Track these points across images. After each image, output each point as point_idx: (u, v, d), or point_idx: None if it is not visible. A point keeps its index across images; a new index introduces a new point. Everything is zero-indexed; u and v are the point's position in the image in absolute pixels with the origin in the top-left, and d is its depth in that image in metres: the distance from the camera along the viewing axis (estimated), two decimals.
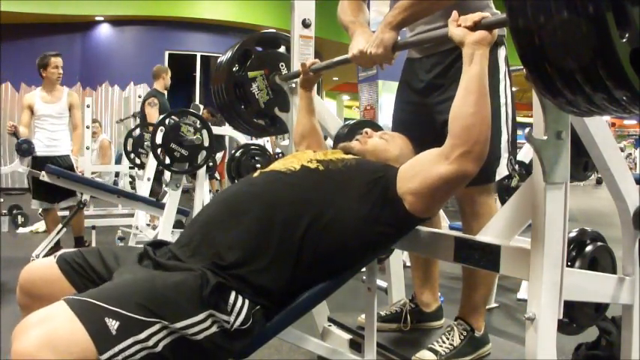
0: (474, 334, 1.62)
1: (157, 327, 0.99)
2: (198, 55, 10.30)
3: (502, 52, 1.56)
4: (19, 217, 5.40)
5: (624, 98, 0.73)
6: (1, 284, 2.85)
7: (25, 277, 1.20)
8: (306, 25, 1.86)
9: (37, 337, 0.89)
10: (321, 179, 1.28)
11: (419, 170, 1.23)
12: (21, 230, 5.29)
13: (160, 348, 0.99)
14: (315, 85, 1.81)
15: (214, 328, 1.07)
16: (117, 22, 9.97)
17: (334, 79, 15.38)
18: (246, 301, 1.13)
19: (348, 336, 1.85)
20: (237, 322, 1.11)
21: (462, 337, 1.60)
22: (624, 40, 0.69)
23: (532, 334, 1.07)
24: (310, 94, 1.73)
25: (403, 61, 1.83)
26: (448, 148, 1.19)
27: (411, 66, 1.75)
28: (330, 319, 1.97)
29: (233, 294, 1.12)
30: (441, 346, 1.58)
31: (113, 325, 0.95)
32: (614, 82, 0.71)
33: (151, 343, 0.98)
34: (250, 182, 1.34)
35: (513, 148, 1.59)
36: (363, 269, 1.52)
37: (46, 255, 3.38)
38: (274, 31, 2.19)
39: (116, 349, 0.94)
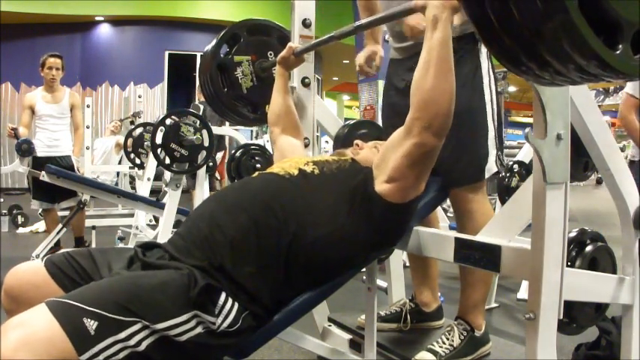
0: (474, 333, 1.62)
1: (137, 327, 0.99)
2: (198, 55, 10.28)
3: (483, 49, 1.55)
4: (19, 217, 5.42)
5: (592, 66, 0.66)
6: (1, 284, 2.85)
7: (11, 281, 1.18)
8: (306, 25, 1.86)
9: (15, 339, 0.89)
10: (314, 186, 1.28)
11: (388, 155, 1.24)
12: (21, 230, 5.30)
13: (143, 347, 0.99)
14: (315, 85, 1.81)
15: (199, 329, 1.06)
16: (117, 22, 9.97)
17: (334, 79, 15.38)
18: (236, 304, 1.12)
19: (348, 336, 1.85)
20: (225, 324, 1.10)
21: (462, 337, 1.60)
22: None
23: (532, 334, 1.07)
24: (287, 74, 1.71)
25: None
26: (409, 122, 1.18)
27: (393, 67, 1.76)
28: (330, 319, 1.97)
29: (223, 295, 1.11)
30: (440, 346, 1.58)
31: (92, 325, 0.95)
32: (570, 43, 0.64)
33: (132, 342, 0.98)
34: (248, 183, 1.34)
35: (500, 143, 1.59)
36: (363, 269, 1.52)
37: (46, 255, 3.38)
38: (266, 19, 2.15)
39: (95, 349, 0.94)
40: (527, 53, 0.67)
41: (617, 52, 0.65)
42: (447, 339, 1.59)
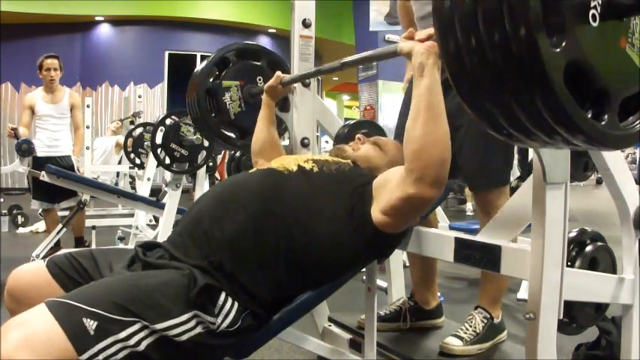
0: (493, 321, 1.70)
1: (137, 326, 0.99)
2: (198, 55, 10.30)
3: None
4: (19, 217, 5.42)
5: (568, 135, 0.63)
6: (1, 284, 2.85)
7: (13, 282, 1.19)
8: (306, 25, 1.86)
9: (16, 339, 0.90)
10: (313, 184, 1.26)
11: (386, 190, 1.19)
12: (21, 230, 5.30)
13: (142, 347, 0.99)
14: (315, 85, 1.81)
15: (199, 329, 1.06)
16: (117, 22, 9.98)
17: (334, 79, 15.38)
18: (236, 304, 1.12)
19: (348, 336, 1.85)
20: (224, 324, 1.10)
21: (484, 324, 1.69)
22: (558, 50, 0.60)
23: (532, 334, 1.07)
24: (273, 104, 1.67)
25: (405, 60, 1.84)
26: (404, 172, 1.13)
27: None
28: (330, 319, 1.97)
29: (223, 295, 1.11)
30: (465, 332, 1.65)
31: (91, 325, 0.95)
32: (553, 117, 0.61)
33: (132, 342, 0.98)
34: (246, 179, 1.32)
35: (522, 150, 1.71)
36: (363, 269, 1.52)
37: (46, 255, 3.38)
38: (257, 44, 2.14)
39: (95, 349, 0.94)
40: (512, 125, 0.65)
41: (603, 122, 0.63)
42: (470, 326, 1.68)
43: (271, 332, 1.26)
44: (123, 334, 0.97)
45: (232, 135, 1.96)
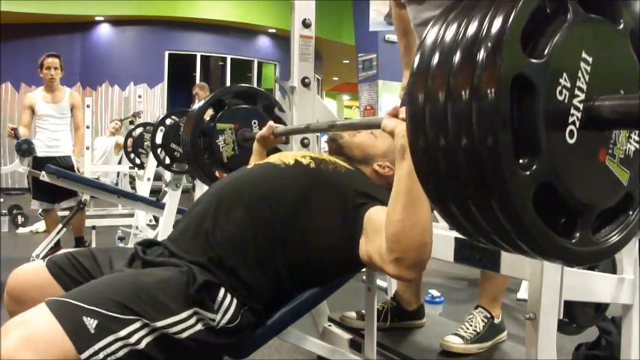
0: (493, 320, 1.71)
1: (137, 324, 0.99)
2: (198, 55, 10.31)
3: None
4: (19, 217, 5.41)
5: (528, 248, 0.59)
6: (1, 284, 2.84)
7: (13, 282, 1.19)
8: (306, 25, 1.86)
9: (16, 338, 0.90)
10: (310, 179, 1.27)
11: (374, 241, 1.14)
12: (21, 230, 5.30)
13: (143, 345, 0.99)
14: (315, 85, 1.82)
15: (199, 326, 1.07)
16: (117, 22, 9.97)
17: (334, 79, 15.38)
18: (235, 300, 1.13)
19: (348, 336, 1.85)
20: (224, 321, 1.10)
21: (484, 323, 1.69)
22: (527, 173, 0.54)
23: (532, 334, 1.07)
24: (264, 153, 1.65)
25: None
26: (385, 249, 1.08)
27: None
28: (330, 319, 1.97)
29: (222, 291, 1.12)
30: (465, 331, 1.66)
31: (91, 323, 0.95)
32: (518, 237, 0.56)
33: (132, 340, 0.98)
34: (244, 173, 1.33)
35: None
36: (363, 269, 1.52)
37: (46, 255, 3.38)
38: (254, 87, 2.12)
39: (96, 347, 0.95)
40: (478, 233, 0.62)
41: (574, 240, 0.60)
42: (471, 325, 1.69)
43: (271, 332, 1.26)
44: (123, 332, 0.98)
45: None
